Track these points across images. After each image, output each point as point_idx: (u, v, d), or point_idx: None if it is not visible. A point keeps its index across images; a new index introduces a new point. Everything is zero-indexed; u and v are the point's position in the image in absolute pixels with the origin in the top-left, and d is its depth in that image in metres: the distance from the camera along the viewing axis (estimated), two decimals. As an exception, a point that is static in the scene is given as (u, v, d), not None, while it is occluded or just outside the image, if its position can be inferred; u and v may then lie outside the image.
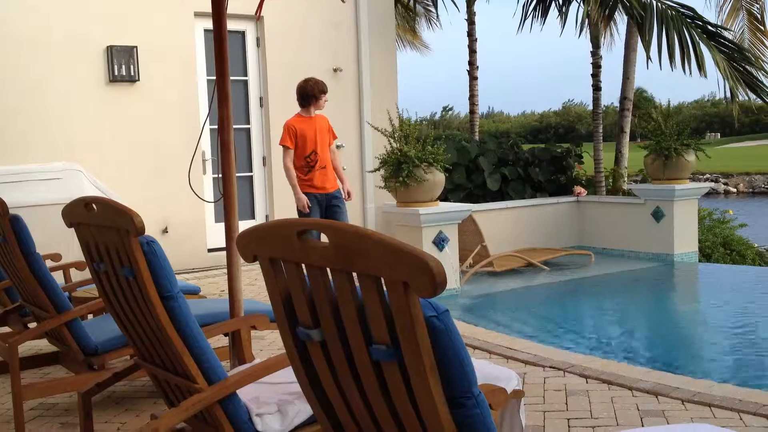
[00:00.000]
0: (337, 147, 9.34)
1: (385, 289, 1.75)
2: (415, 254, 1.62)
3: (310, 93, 6.66)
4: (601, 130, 11.61)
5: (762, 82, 10.80)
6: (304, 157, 6.64)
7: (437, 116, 76.93)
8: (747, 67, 10.82)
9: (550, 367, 4.37)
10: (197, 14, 8.46)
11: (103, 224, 2.59)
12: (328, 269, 1.86)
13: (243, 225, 3.41)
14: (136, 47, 8.14)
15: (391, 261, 1.67)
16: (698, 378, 4.21)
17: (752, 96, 10.85)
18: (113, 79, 8.07)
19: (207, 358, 2.55)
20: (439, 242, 7.27)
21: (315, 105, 6.69)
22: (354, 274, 1.80)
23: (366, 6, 9.58)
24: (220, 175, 3.73)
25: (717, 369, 5.04)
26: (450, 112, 78.38)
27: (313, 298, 1.91)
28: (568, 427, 3.53)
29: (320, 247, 1.85)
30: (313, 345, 1.93)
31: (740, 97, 10.83)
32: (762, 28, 12.90)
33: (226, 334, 3.67)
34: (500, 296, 7.55)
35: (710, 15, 13.19)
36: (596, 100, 11.84)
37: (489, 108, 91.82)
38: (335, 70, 9.42)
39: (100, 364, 3.81)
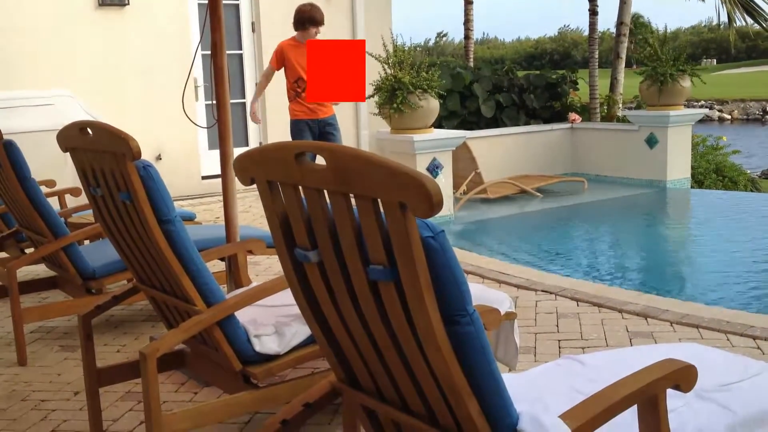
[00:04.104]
0: (331, 73, 9.25)
1: (382, 210, 1.76)
2: (411, 175, 1.63)
3: (300, 17, 6.48)
4: (596, 56, 11.47)
5: (760, 7, 10.66)
6: (292, 82, 6.56)
7: (431, 42, 75.83)
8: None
9: (542, 290, 4.45)
10: (185, -67, 8.23)
11: (98, 149, 2.58)
12: (326, 191, 1.87)
13: (237, 152, 3.41)
14: (125, -31, 7.96)
15: (388, 182, 1.68)
16: (687, 300, 4.30)
17: (749, 21, 10.74)
18: (103, 2, 7.90)
19: (205, 281, 2.59)
20: (433, 169, 7.27)
21: (304, 31, 6.48)
22: (351, 196, 1.82)
23: (359, -72, 9.33)
24: (214, 102, 3.71)
25: (706, 292, 5.13)
26: (444, 39, 77.17)
27: (310, 219, 1.93)
28: (559, 348, 3.62)
29: (318, 170, 1.85)
30: (311, 266, 1.95)
31: (737, 23, 10.72)
32: None
33: (222, 259, 3.71)
34: (494, 223, 7.61)
35: None
36: (593, 25, 11.66)
37: (484, 34, 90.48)
38: (328, -4, 9.23)
39: (98, 288, 3.86)
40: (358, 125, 9.52)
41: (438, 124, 8.25)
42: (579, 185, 9.11)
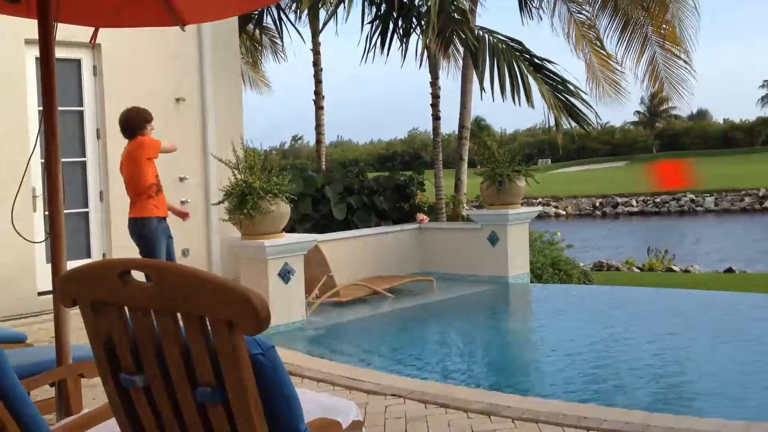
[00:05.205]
0: (181, 179, 9.14)
1: (210, 328, 1.74)
2: (238, 291, 1.63)
3: (134, 124, 6.53)
4: (440, 158, 12.04)
5: (582, 112, 11.68)
6: (155, 176, 6.53)
7: (287, 145, 77.01)
8: (569, 97, 11.69)
9: (391, 394, 4.46)
10: (28, 41, 7.99)
11: None
12: (152, 311, 1.83)
13: (76, 265, 3.26)
14: (-40, 77, 7.61)
15: (214, 299, 1.68)
16: (528, 395, 4.45)
17: (574, 124, 11.72)
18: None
19: (26, 412, 2.40)
20: (285, 274, 7.25)
21: (142, 131, 6.55)
22: (179, 315, 1.79)
23: (210, 34, 9.46)
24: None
25: (545, 385, 5.33)
26: (300, 141, 78.68)
27: (136, 342, 1.87)
28: (408, 453, 3.62)
29: (144, 288, 1.82)
30: (137, 391, 1.88)
31: (564, 126, 11.67)
32: (603, 52, 13.96)
33: (52, 384, 3.46)
34: (346, 326, 7.61)
35: (562, 43, 14.19)
36: (436, 129, 12.27)
37: (338, 137, 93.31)
38: (178, 100, 9.22)
39: None
40: (208, 232, 9.37)
41: (290, 228, 8.28)
42: (429, 284, 9.34)
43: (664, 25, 13.11)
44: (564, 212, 40.91)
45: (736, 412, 4.44)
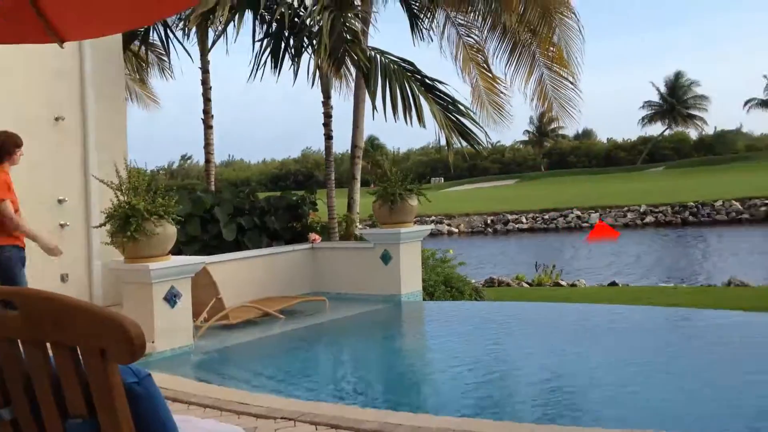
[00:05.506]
0: (60, 201, 8.74)
1: (81, 358, 1.67)
2: (111, 319, 1.57)
3: (2, 148, 6.23)
4: (333, 178, 12.07)
5: (474, 132, 12.00)
6: (15, 210, 6.19)
7: (175, 165, 75.31)
8: (460, 117, 11.98)
9: (281, 417, 4.40)
10: None
11: None
12: (20, 341, 1.75)
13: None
14: None
15: (86, 328, 1.61)
16: (420, 413, 4.49)
17: (465, 144, 12.02)
18: None
19: None
20: (171, 298, 7.04)
21: (10, 160, 6.25)
22: (48, 345, 1.71)
23: (91, 52, 9.12)
24: None
25: (438, 402, 5.41)
26: (189, 161, 77.10)
27: (2, 374, 1.78)
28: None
29: (10, 318, 1.73)
30: (4, 425, 1.78)
31: (455, 145, 11.94)
32: (490, 74, 14.37)
33: None
34: (236, 349, 7.46)
35: (449, 66, 14.66)
36: (328, 148, 12.29)
37: (229, 156, 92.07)
38: (57, 119, 8.83)
39: None
40: (89, 256, 8.99)
41: (177, 251, 8.06)
42: (321, 304, 9.29)
43: (551, 48, 13.66)
44: (456, 230, 41.79)
45: (621, 421, 4.62)
